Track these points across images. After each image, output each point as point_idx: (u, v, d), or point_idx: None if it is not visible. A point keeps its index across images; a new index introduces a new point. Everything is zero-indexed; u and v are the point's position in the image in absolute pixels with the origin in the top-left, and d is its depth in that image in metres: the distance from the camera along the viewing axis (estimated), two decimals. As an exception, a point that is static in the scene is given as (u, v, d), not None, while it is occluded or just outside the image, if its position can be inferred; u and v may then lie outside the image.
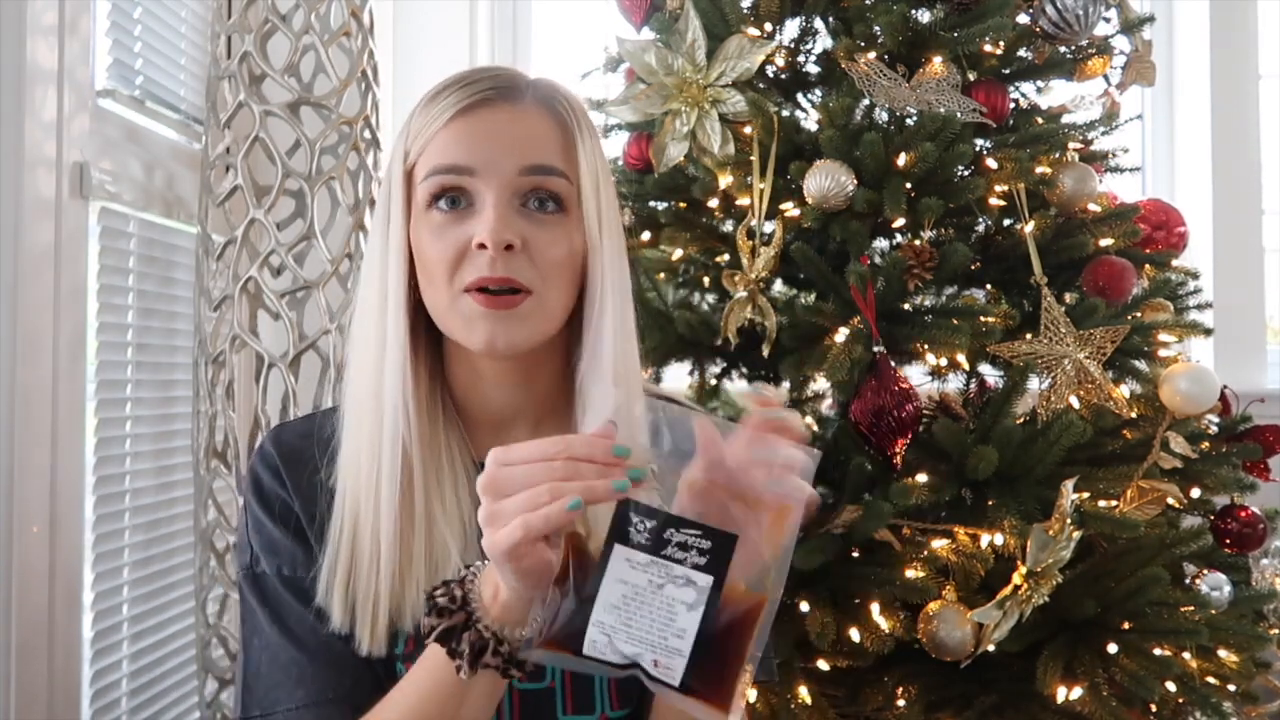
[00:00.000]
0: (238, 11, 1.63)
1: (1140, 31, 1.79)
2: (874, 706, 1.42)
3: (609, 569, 0.66)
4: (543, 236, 0.82)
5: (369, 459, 0.83)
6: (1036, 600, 1.30)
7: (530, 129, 0.83)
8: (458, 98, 0.82)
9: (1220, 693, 1.49)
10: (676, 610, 0.66)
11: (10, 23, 1.34)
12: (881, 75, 1.51)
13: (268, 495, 0.87)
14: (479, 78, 0.84)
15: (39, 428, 1.39)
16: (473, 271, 0.81)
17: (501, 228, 0.80)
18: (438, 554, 0.83)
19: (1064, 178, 1.55)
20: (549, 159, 0.83)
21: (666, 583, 0.66)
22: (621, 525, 0.67)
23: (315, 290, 1.59)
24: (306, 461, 0.88)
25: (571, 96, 0.87)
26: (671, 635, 0.65)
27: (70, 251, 1.46)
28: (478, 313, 0.81)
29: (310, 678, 0.83)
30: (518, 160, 0.82)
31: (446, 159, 0.82)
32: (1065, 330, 1.47)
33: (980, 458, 1.36)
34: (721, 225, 1.68)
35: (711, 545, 0.66)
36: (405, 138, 0.85)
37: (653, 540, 0.67)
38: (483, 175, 0.81)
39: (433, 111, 0.83)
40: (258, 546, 0.87)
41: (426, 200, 0.83)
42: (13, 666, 1.33)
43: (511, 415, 0.89)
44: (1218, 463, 1.58)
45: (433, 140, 0.82)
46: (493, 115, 0.82)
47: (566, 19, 2.72)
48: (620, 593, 0.66)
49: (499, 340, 0.81)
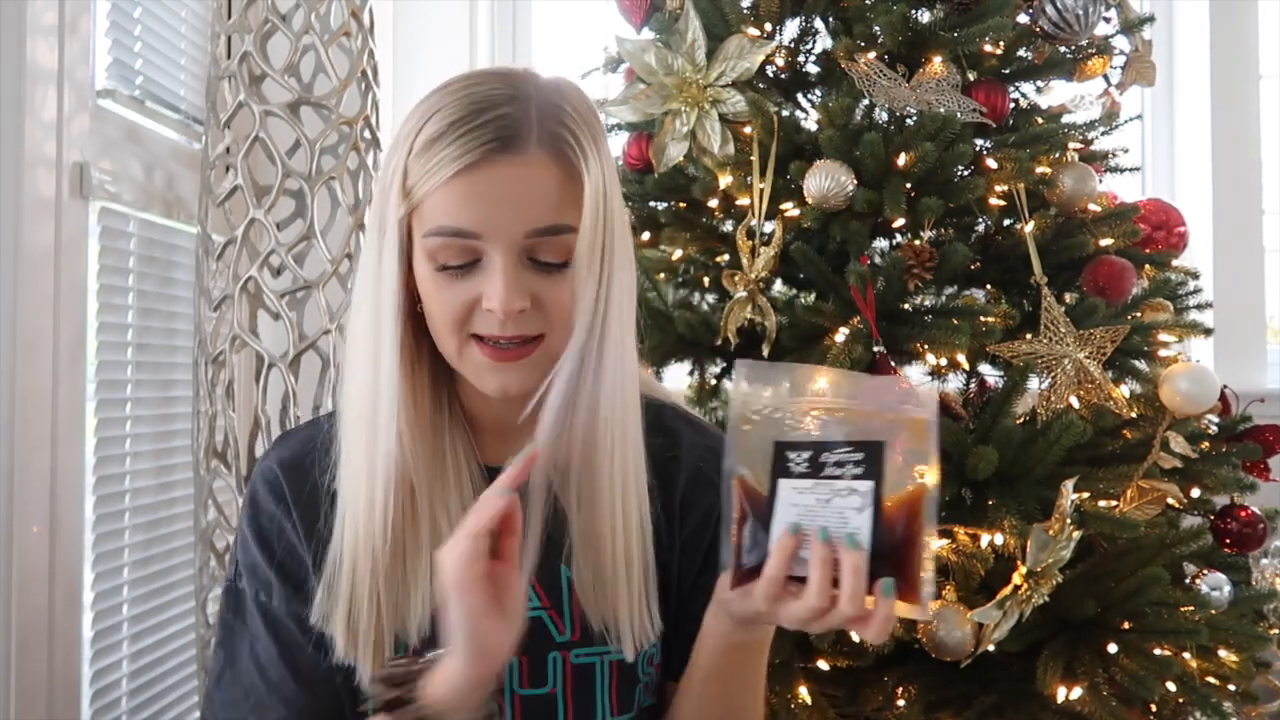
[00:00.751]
0: (238, 11, 1.63)
1: (1140, 31, 1.79)
2: (874, 706, 1.42)
3: (778, 501, 0.74)
4: (551, 289, 0.80)
5: (365, 484, 0.83)
6: (1036, 600, 1.30)
7: (534, 186, 0.78)
8: (458, 150, 0.76)
9: (1220, 693, 1.49)
10: (848, 515, 0.72)
11: (10, 23, 1.34)
12: (881, 75, 1.51)
13: (260, 518, 0.88)
14: (479, 123, 0.77)
15: (39, 428, 1.39)
16: (482, 326, 0.80)
17: (510, 296, 0.77)
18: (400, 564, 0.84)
19: (1064, 178, 1.55)
20: (553, 218, 0.78)
21: (833, 497, 0.73)
22: (780, 463, 0.75)
23: (315, 290, 1.59)
24: (308, 471, 0.88)
25: (579, 117, 0.81)
26: (848, 536, 0.72)
27: (70, 251, 1.46)
28: (487, 365, 0.81)
29: (264, 709, 0.85)
30: (523, 224, 0.78)
31: (450, 221, 0.78)
32: (1065, 330, 1.47)
33: (980, 458, 1.36)
34: (721, 225, 1.68)
35: (864, 455, 0.73)
36: (403, 176, 0.79)
37: (811, 466, 0.74)
38: (488, 239, 0.78)
39: (433, 161, 0.77)
40: (242, 564, 0.89)
41: (430, 254, 0.79)
42: (13, 666, 1.33)
43: (517, 422, 0.88)
44: (1218, 463, 1.58)
45: (434, 194, 0.78)
46: (495, 175, 0.77)
47: (566, 19, 2.72)
48: (794, 513, 0.74)
49: (512, 388, 0.82)
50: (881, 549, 0.71)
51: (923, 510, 0.72)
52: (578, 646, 0.87)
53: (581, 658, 0.87)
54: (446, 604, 0.71)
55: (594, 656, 0.88)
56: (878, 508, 0.72)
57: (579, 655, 0.87)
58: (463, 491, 0.85)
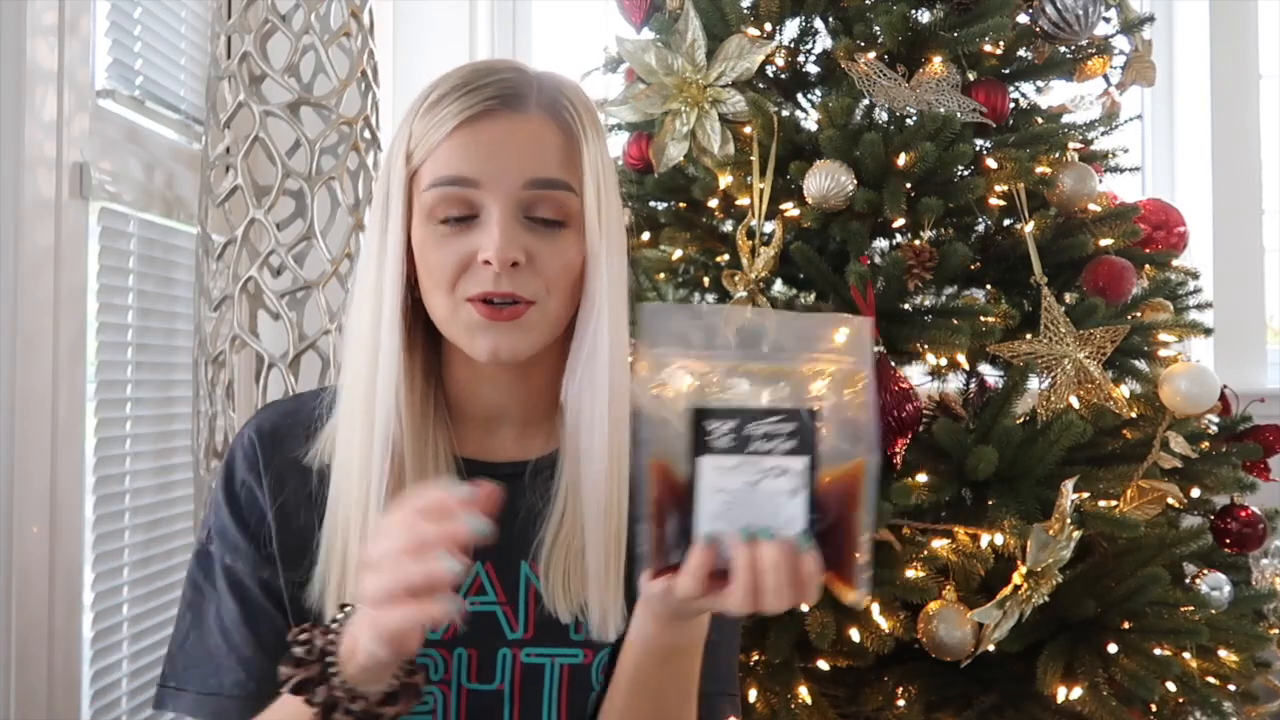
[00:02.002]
0: (238, 11, 1.63)
1: (1140, 31, 1.79)
2: (874, 706, 1.42)
3: (700, 483, 0.65)
4: (547, 249, 0.81)
5: (360, 465, 0.83)
6: (1036, 600, 1.30)
7: (534, 140, 0.81)
8: (460, 106, 0.80)
9: (1220, 693, 1.49)
10: (779, 502, 0.65)
11: (10, 23, 1.34)
12: (881, 75, 1.51)
13: (233, 483, 0.88)
14: (482, 83, 0.81)
15: (39, 428, 1.39)
16: (476, 285, 0.80)
17: (506, 245, 0.79)
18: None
19: (1064, 178, 1.55)
20: (553, 171, 0.81)
21: (762, 478, 0.65)
22: (700, 436, 0.65)
23: (315, 290, 1.59)
24: (282, 441, 0.88)
25: (577, 96, 0.85)
26: (782, 527, 0.64)
27: (70, 252, 1.46)
28: (479, 323, 0.81)
29: (224, 671, 0.85)
30: (522, 173, 0.80)
31: (449, 170, 0.80)
32: (1065, 330, 1.47)
33: (980, 458, 1.36)
34: (721, 225, 1.68)
35: (796, 426, 0.65)
36: (407, 139, 0.83)
37: (735, 440, 0.65)
38: (487, 188, 0.80)
39: (436, 118, 0.81)
40: (213, 528, 0.89)
41: (429, 210, 0.82)
42: (13, 666, 1.33)
43: (501, 415, 0.89)
44: (1218, 463, 1.58)
45: (436, 149, 0.81)
46: (496, 126, 0.80)
47: (566, 19, 2.72)
48: (720, 501, 0.65)
49: (503, 350, 0.81)
50: (815, 530, 0.65)
51: (860, 488, 0.66)
52: (530, 645, 0.86)
53: (532, 657, 0.86)
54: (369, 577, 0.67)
55: (545, 658, 0.87)
56: (811, 488, 0.65)
57: (530, 654, 0.86)
58: (439, 480, 0.84)
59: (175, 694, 0.87)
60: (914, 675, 1.41)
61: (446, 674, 0.85)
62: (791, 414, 0.65)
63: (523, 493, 0.87)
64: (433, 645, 0.85)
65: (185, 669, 0.87)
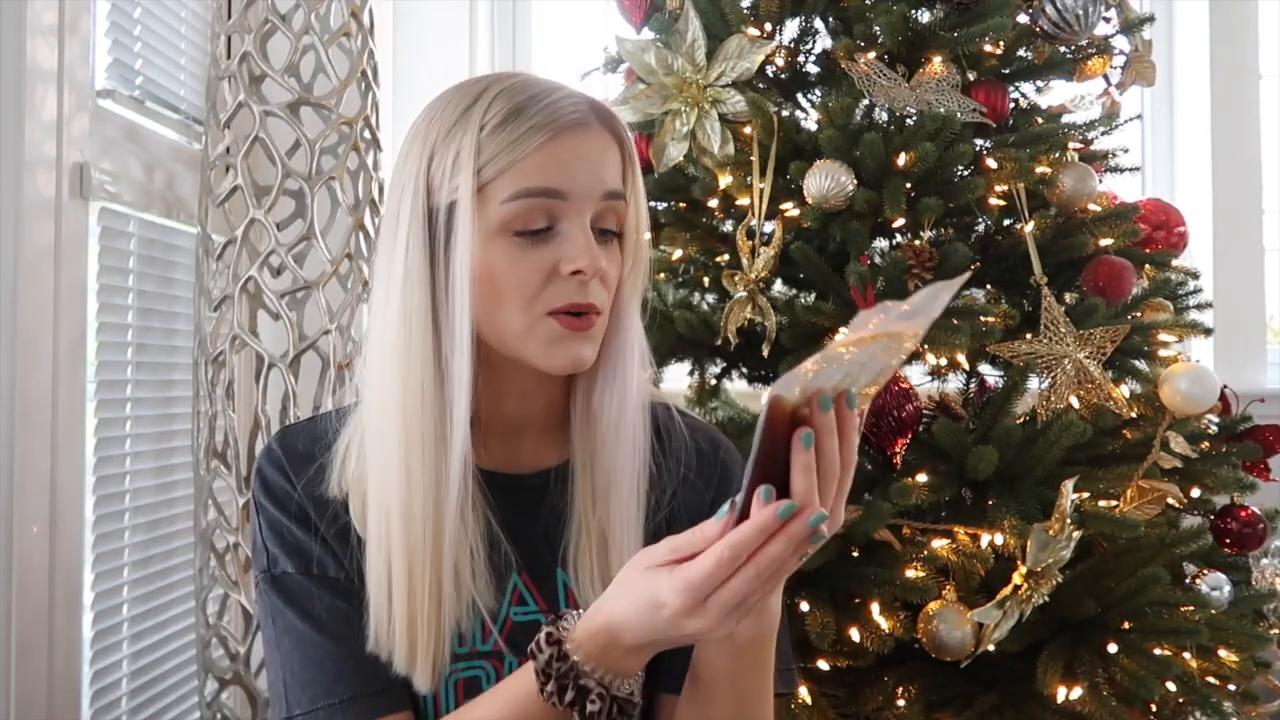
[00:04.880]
0: (238, 11, 1.63)
1: (1140, 31, 1.79)
2: (874, 706, 1.42)
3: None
4: (609, 259, 0.83)
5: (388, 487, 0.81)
6: (1036, 600, 1.30)
7: (606, 152, 0.84)
8: (546, 118, 0.80)
9: (1220, 693, 1.49)
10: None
11: (10, 23, 1.34)
12: (881, 75, 1.51)
13: (280, 496, 0.86)
14: (556, 99, 0.82)
15: (39, 428, 1.39)
16: (561, 296, 0.80)
17: (597, 255, 0.81)
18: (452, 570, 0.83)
19: (1064, 178, 1.55)
20: (619, 184, 0.84)
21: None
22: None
23: (315, 290, 1.59)
24: (312, 465, 0.87)
25: (617, 115, 0.88)
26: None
27: (70, 251, 1.46)
28: (562, 335, 0.81)
29: (351, 672, 0.81)
30: (601, 185, 0.82)
31: (539, 181, 0.80)
32: (1065, 330, 1.47)
33: (980, 458, 1.36)
34: (721, 225, 1.68)
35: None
36: (474, 156, 0.80)
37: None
38: (573, 200, 0.81)
39: (520, 130, 0.80)
40: (276, 548, 0.85)
41: (504, 223, 0.80)
42: (13, 666, 1.33)
43: (522, 424, 0.90)
44: (1218, 463, 1.58)
45: (520, 162, 0.80)
46: (580, 140, 0.81)
47: (566, 19, 2.72)
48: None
49: (583, 360, 0.82)
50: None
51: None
52: None
53: None
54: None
55: None
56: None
57: None
58: (461, 494, 0.83)
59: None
60: (914, 675, 1.41)
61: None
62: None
63: (547, 501, 0.88)
64: (483, 656, 0.85)
65: (305, 689, 0.82)
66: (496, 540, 0.85)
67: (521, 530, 0.88)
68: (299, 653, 0.82)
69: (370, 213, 1.66)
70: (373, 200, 1.67)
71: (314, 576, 0.84)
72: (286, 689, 0.83)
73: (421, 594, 0.81)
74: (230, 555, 1.58)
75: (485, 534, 0.85)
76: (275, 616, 0.84)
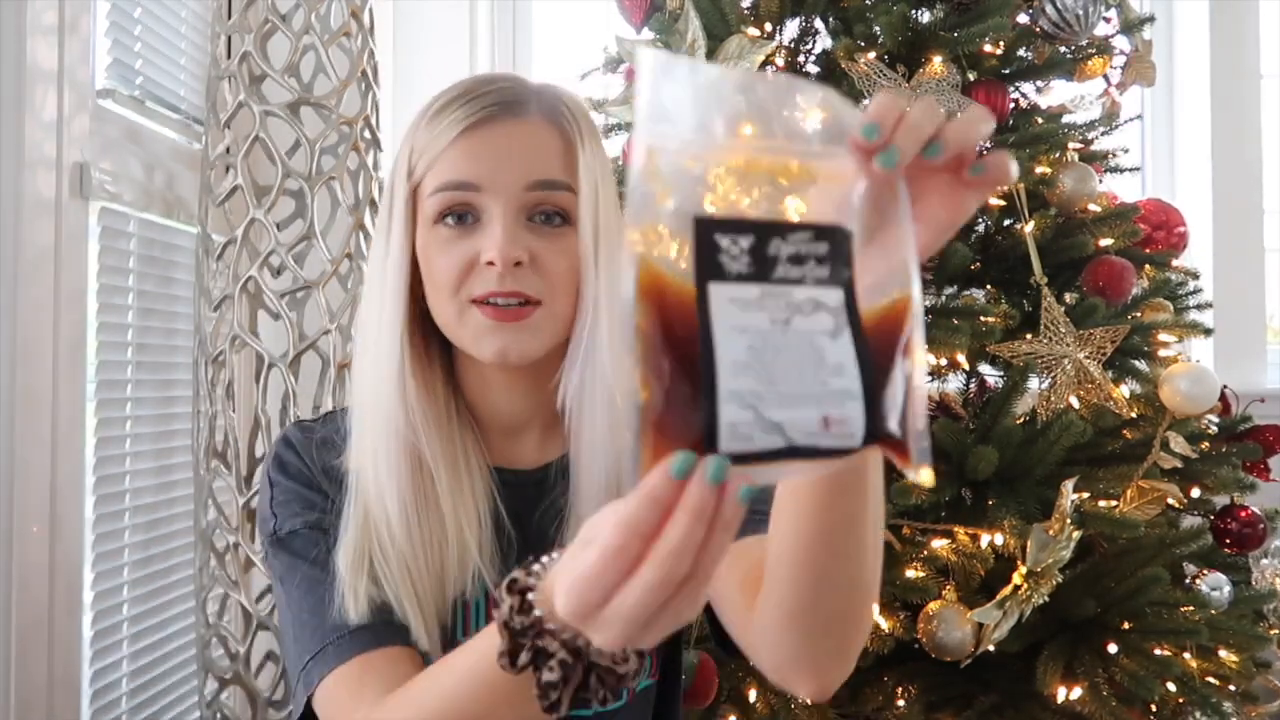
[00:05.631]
0: (238, 11, 1.63)
1: (1140, 31, 1.80)
2: (874, 706, 1.42)
3: (713, 320, 0.45)
4: (549, 249, 0.83)
5: (376, 469, 0.83)
6: (1036, 600, 1.30)
7: (535, 143, 0.83)
8: (463, 113, 0.82)
9: (1220, 693, 1.49)
10: (820, 344, 0.46)
11: (10, 23, 1.34)
12: (881, 75, 1.51)
13: (292, 470, 0.88)
14: (483, 91, 0.83)
15: (39, 428, 1.39)
16: (480, 286, 0.81)
17: (508, 244, 0.80)
18: (463, 557, 0.83)
19: (1064, 178, 1.55)
20: (553, 173, 0.83)
21: (791, 315, 0.46)
22: (709, 254, 0.46)
23: (315, 290, 1.59)
24: (325, 447, 0.88)
25: (575, 104, 0.87)
26: (830, 376, 0.46)
27: (70, 251, 1.46)
28: (486, 325, 0.82)
29: (366, 600, 0.81)
30: (523, 176, 0.82)
31: (453, 175, 0.82)
32: (1065, 330, 1.47)
33: (980, 458, 1.36)
34: (721, 225, 1.68)
35: (828, 249, 0.47)
36: (409, 153, 0.84)
37: (755, 262, 0.46)
38: (489, 191, 0.81)
39: (438, 127, 0.83)
40: (282, 511, 0.86)
41: (434, 215, 0.83)
42: (13, 666, 1.33)
43: (523, 421, 0.90)
44: (1218, 463, 1.58)
45: (439, 157, 0.82)
46: (498, 130, 0.82)
47: (566, 19, 2.72)
48: (742, 345, 0.45)
49: (511, 352, 0.82)
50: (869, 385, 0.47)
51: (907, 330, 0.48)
52: None
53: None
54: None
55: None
56: (856, 328, 0.47)
57: None
58: (474, 485, 0.85)
59: (319, 660, 0.80)
60: (914, 675, 1.41)
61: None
62: (825, 231, 0.48)
63: (550, 496, 0.88)
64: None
65: (320, 625, 0.81)
66: (502, 524, 0.86)
67: (527, 523, 0.88)
68: (309, 598, 0.82)
69: (370, 213, 1.66)
70: (373, 200, 1.66)
71: (320, 530, 0.85)
72: (297, 641, 0.82)
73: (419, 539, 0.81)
74: (230, 555, 1.58)
75: (491, 514, 0.85)
76: (284, 577, 0.85)
